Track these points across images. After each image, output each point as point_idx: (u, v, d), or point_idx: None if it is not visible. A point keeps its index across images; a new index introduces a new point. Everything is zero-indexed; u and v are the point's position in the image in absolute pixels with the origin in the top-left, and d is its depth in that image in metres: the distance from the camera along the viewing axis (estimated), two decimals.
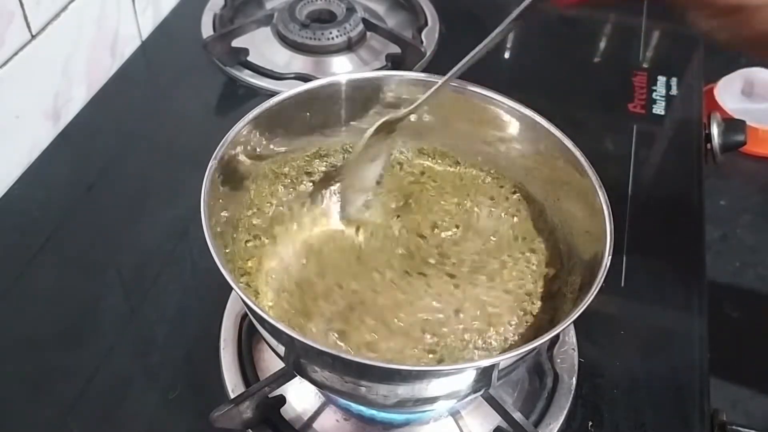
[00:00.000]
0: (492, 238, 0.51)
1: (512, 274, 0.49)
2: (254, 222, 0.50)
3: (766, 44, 0.39)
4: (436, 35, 0.83)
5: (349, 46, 0.79)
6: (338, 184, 0.54)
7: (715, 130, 0.73)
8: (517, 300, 0.48)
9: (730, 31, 0.39)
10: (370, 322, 0.46)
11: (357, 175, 0.51)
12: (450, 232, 0.52)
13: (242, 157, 0.48)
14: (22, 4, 0.61)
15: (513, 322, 0.47)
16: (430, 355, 0.45)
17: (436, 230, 0.52)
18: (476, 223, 0.52)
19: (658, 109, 0.77)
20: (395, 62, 0.78)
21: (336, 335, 0.46)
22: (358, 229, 0.52)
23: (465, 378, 0.41)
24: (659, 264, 0.63)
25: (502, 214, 0.52)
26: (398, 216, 0.53)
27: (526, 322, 0.47)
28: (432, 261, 0.50)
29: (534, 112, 0.48)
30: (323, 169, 0.54)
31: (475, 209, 0.53)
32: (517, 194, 0.53)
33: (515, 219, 0.52)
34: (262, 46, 0.79)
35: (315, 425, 0.51)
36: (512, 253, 0.50)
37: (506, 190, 0.53)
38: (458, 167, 0.54)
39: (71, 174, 0.67)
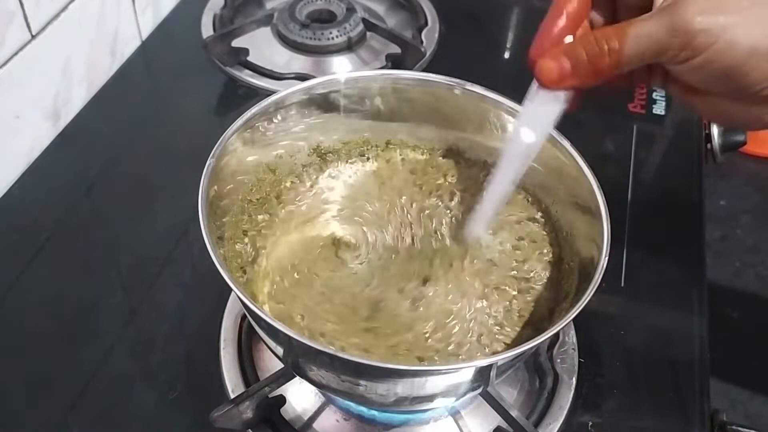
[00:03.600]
0: (491, 234, 0.51)
1: (512, 270, 0.49)
2: (253, 221, 0.50)
3: (731, 83, 0.38)
4: (436, 35, 0.83)
5: (349, 46, 0.79)
6: (337, 181, 0.54)
7: (715, 130, 0.73)
8: (515, 298, 0.48)
9: (701, 72, 0.38)
10: (370, 317, 0.46)
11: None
12: (446, 226, 0.52)
13: (241, 156, 0.48)
14: (22, 4, 0.62)
15: (511, 321, 0.47)
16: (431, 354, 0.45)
17: (431, 223, 0.52)
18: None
19: (658, 109, 0.77)
20: (395, 62, 0.78)
21: (336, 334, 0.46)
22: (355, 226, 0.52)
23: (463, 376, 0.41)
24: (659, 264, 0.63)
25: (502, 212, 0.52)
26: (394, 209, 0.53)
27: (525, 321, 0.47)
28: (427, 255, 0.50)
29: None
30: (322, 166, 0.54)
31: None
32: (519, 193, 0.53)
33: (516, 217, 0.52)
34: (262, 46, 0.79)
35: (315, 425, 0.51)
36: (512, 250, 0.50)
37: None
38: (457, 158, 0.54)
39: (71, 174, 0.67)
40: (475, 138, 0.53)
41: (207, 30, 0.81)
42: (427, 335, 0.46)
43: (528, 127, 0.43)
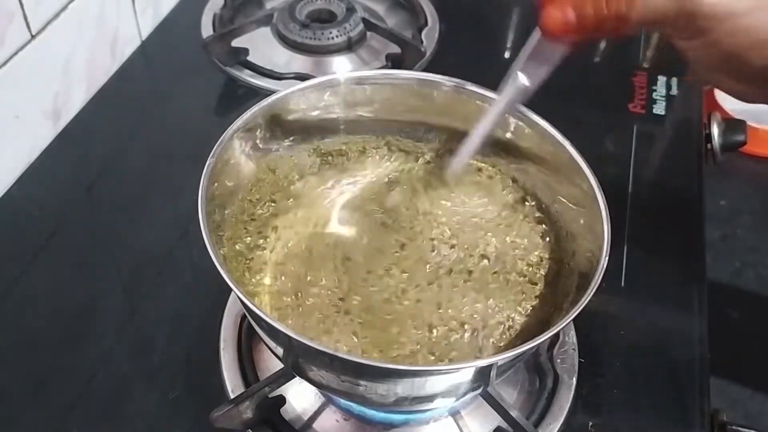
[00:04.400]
0: (491, 234, 0.51)
1: (512, 270, 0.49)
2: (253, 221, 0.50)
3: (734, 66, 0.39)
4: (436, 35, 0.83)
5: (349, 46, 0.79)
6: (337, 181, 0.54)
7: (715, 130, 0.73)
8: (516, 297, 0.48)
9: (704, 51, 0.38)
10: (368, 317, 0.46)
11: None
12: (446, 227, 0.52)
13: (241, 156, 0.48)
14: (22, 4, 0.61)
15: (511, 320, 0.47)
16: (431, 356, 0.45)
17: (430, 222, 0.52)
18: (475, 218, 0.52)
19: (658, 109, 0.77)
20: (395, 62, 0.78)
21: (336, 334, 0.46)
22: (354, 227, 0.52)
23: (463, 376, 0.41)
24: (659, 264, 0.63)
25: (502, 212, 0.52)
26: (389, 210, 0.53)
27: (525, 321, 0.47)
28: (428, 255, 0.50)
29: (533, 113, 0.48)
30: (322, 166, 0.54)
31: (474, 203, 0.52)
32: (520, 193, 0.53)
33: (516, 217, 0.52)
34: (262, 46, 0.79)
35: (315, 425, 0.51)
36: (512, 250, 0.50)
37: (506, 188, 0.53)
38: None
39: (71, 174, 0.67)
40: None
41: (207, 30, 0.81)
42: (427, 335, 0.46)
43: (524, 73, 0.44)
